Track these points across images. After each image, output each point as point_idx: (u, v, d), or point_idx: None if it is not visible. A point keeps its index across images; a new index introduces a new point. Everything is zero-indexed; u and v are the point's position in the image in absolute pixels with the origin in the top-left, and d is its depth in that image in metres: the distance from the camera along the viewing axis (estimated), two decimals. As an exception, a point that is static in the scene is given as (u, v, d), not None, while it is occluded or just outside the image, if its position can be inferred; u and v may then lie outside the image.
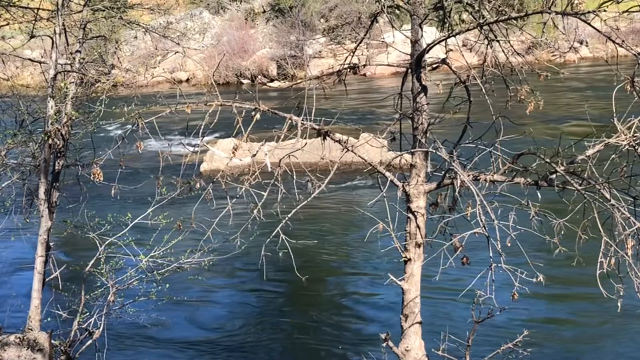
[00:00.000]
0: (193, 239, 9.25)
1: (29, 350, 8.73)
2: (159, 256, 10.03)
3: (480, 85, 6.41)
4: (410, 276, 6.69)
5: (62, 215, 11.90)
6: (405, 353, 6.74)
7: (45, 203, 9.16)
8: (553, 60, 33.92)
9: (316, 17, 41.38)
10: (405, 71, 6.76)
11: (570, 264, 7.15)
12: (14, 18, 10.20)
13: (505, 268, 5.90)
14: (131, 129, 6.63)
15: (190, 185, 6.87)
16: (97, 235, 9.66)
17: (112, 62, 32.26)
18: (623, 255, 5.88)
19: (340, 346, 11.79)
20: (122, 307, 10.32)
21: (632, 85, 5.82)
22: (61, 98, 9.49)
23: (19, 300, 12.25)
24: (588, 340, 11.58)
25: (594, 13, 5.42)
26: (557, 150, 6.43)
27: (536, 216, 6.34)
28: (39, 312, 9.11)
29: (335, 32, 41.38)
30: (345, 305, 13.52)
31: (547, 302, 12.69)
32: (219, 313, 13.48)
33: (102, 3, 10.12)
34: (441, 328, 7.74)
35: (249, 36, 41.67)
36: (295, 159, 6.45)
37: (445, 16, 6.38)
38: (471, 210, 6.19)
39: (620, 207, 5.92)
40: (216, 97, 6.48)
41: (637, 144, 5.99)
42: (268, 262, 6.69)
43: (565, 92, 29.62)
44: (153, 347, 12.22)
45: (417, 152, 6.61)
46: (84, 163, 9.91)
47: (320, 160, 6.69)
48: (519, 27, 6.45)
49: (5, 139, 9.84)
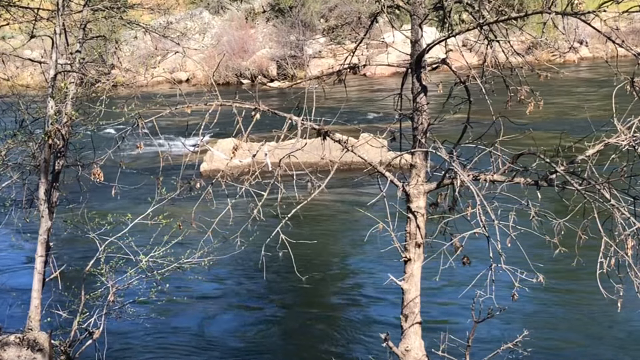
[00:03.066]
0: (193, 239, 9.25)
1: (29, 350, 8.73)
2: (159, 256, 10.02)
3: (480, 85, 6.41)
4: (410, 276, 6.69)
5: (62, 215, 11.91)
6: (405, 353, 6.74)
7: (45, 203, 9.16)
8: (553, 60, 33.91)
9: (316, 17, 41.37)
10: (405, 71, 6.77)
11: (570, 264, 7.14)
12: (14, 18, 10.20)
13: (505, 268, 5.90)
14: (131, 129, 6.63)
15: (190, 185, 6.87)
16: (97, 235, 9.66)
17: (112, 62, 32.28)
18: (623, 256, 5.89)
19: (340, 346, 11.78)
20: (122, 307, 10.31)
21: (632, 85, 5.82)
22: (61, 98, 9.49)
23: (19, 300, 12.26)
24: (588, 340, 11.57)
25: (593, 13, 5.42)
26: (557, 150, 6.44)
27: (536, 216, 6.34)
28: (39, 312, 9.11)
29: (335, 32, 41.37)
30: (345, 305, 13.52)
31: (547, 302, 12.68)
32: (219, 313, 13.47)
33: (102, 3, 10.11)
34: (441, 328, 7.74)
35: (249, 36, 41.66)
36: (295, 159, 6.46)
37: (445, 16, 6.39)
38: (471, 210, 6.20)
39: (620, 207, 5.92)
40: (216, 97, 6.49)
41: (637, 144, 6.00)
42: (268, 262, 6.69)
43: (565, 92, 29.62)
44: (153, 347, 12.22)
45: (417, 152, 6.61)
46: (84, 163, 9.91)
47: (320, 160, 6.70)
48: (519, 27, 6.46)
49: (5, 139, 9.84)
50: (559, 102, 27.47)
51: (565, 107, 27.12)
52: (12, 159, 10.04)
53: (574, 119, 24.84)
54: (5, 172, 9.91)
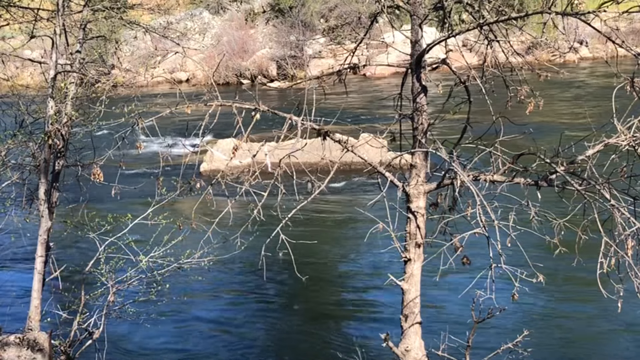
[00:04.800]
0: (193, 239, 9.25)
1: (29, 350, 8.73)
2: (159, 256, 10.03)
3: (480, 85, 6.41)
4: (410, 276, 6.69)
5: (62, 215, 11.91)
6: (405, 353, 6.74)
7: (45, 203, 9.16)
8: (553, 60, 33.90)
9: (316, 17, 41.35)
10: (405, 71, 6.77)
11: (570, 264, 7.14)
12: (14, 18, 10.20)
13: (505, 268, 5.90)
14: (131, 129, 6.63)
15: (190, 185, 6.87)
16: (97, 235, 9.66)
17: (112, 62, 32.30)
18: (623, 256, 5.88)
19: (340, 346, 11.78)
20: (122, 307, 10.32)
21: (632, 85, 5.82)
22: (61, 98, 9.49)
23: (19, 300, 12.27)
24: (588, 340, 11.58)
25: (593, 13, 5.42)
26: (557, 150, 6.44)
27: (536, 216, 6.34)
28: (39, 312, 9.11)
29: (335, 32, 41.35)
30: (345, 305, 13.52)
31: (547, 302, 12.68)
32: (219, 313, 13.48)
33: (102, 3, 10.11)
34: (441, 328, 7.74)
35: (249, 36, 41.65)
36: (295, 159, 6.46)
37: (445, 16, 6.38)
38: (471, 211, 6.20)
39: (620, 207, 5.92)
40: (216, 97, 6.49)
41: (637, 144, 6.00)
42: (268, 262, 6.69)
43: (565, 92, 29.61)
44: (153, 347, 12.22)
45: (417, 152, 6.61)
46: (84, 163, 9.91)
47: (320, 161, 6.70)
48: (519, 27, 6.45)
49: (5, 139, 9.84)
50: (559, 102, 27.47)
51: (565, 107, 27.12)
52: (12, 159, 10.04)
53: (574, 119, 24.83)
54: (5, 172, 9.91)
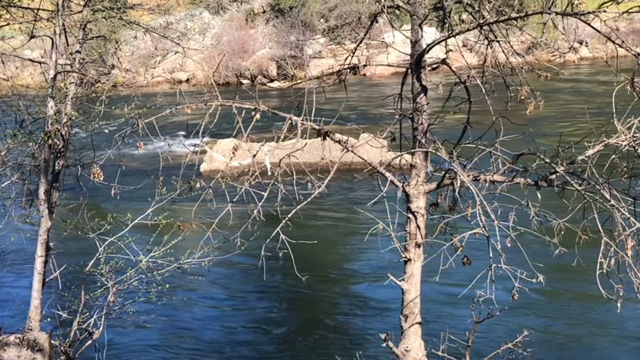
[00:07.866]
0: (193, 239, 9.25)
1: (29, 351, 8.74)
2: (159, 256, 10.03)
3: (480, 85, 6.41)
4: (410, 276, 6.69)
5: (62, 215, 11.90)
6: (405, 353, 6.74)
7: (45, 203, 9.16)
8: (553, 60, 33.90)
9: (316, 18, 41.35)
10: (405, 71, 6.77)
11: (570, 264, 7.14)
12: (14, 18, 10.19)
13: (505, 268, 5.90)
14: (131, 129, 6.63)
15: (190, 185, 6.87)
16: (97, 235, 9.66)
17: (112, 62, 32.28)
18: (623, 256, 5.88)
19: (340, 346, 11.78)
20: (122, 307, 10.32)
21: (632, 85, 5.82)
22: (61, 98, 9.49)
23: (19, 300, 12.25)
24: (588, 340, 11.57)
25: (593, 13, 5.42)
26: (557, 150, 6.43)
27: (536, 216, 6.34)
28: (39, 312, 9.11)
29: (335, 32, 41.35)
30: (345, 306, 13.52)
31: (547, 303, 12.68)
32: (219, 313, 13.48)
33: (102, 3, 10.11)
34: (441, 328, 7.74)
35: (249, 36, 41.65)
36: (295, 159, 6.45)
37: (445, 16, 6.38)
38: (471, 211, 6.20)
39: (620, 207, 5.92)
40: (216, 97, 6.49)
41: (637, 144, 6.00)
42: (268, 262, 6.69)
43: (565, 92, 29.61)
44: (153, 347, 12.22)
45: (417, 152, 6.61)
46: (84, 163, 9.91)
47: (320, 161, 6.70)
48: (519, 27, 6.45)
49: (5, 139, 9.84)
50: (559, 102, 27.45)
51: (565, 107, 27.10)
52: (12, 159, 10.04)
53: (574, 119, 24.82)
54: (5, 172, 9.91)
